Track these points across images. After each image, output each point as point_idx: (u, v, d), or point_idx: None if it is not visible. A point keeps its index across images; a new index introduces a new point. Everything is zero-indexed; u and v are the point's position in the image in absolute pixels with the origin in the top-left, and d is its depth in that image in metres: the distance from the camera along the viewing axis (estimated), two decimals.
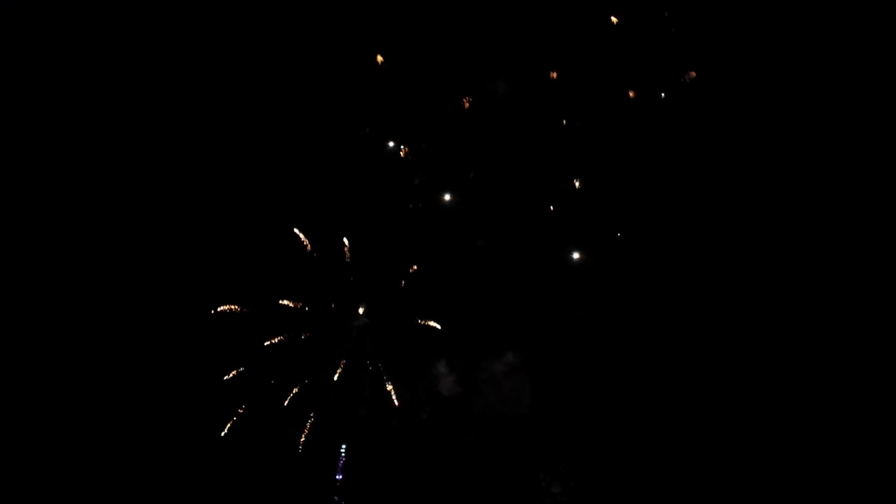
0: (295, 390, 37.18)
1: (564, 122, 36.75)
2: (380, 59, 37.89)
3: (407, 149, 38.12)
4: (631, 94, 36.13)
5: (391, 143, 38.49)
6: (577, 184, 36.14)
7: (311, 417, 37.67)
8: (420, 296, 37.53)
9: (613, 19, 36.41)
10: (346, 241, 37.60)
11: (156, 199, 38.43)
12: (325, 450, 38.06)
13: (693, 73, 35.59)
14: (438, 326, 37.05)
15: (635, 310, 34.35)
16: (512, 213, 36.75)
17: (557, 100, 36.82)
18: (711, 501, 31.92)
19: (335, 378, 37.98)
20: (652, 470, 33.05)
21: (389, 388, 37.21)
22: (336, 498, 37.97)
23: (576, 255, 35.91)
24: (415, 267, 37.59)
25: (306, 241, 37.55)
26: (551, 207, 36.42)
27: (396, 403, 36.87)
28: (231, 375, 36.96)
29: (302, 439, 37.66)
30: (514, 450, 35.47)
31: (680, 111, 36.00)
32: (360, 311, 38.38)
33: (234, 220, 38.54)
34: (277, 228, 37.79)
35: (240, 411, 37.12)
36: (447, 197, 37.94)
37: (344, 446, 38.22)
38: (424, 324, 37.16)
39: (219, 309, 37.06)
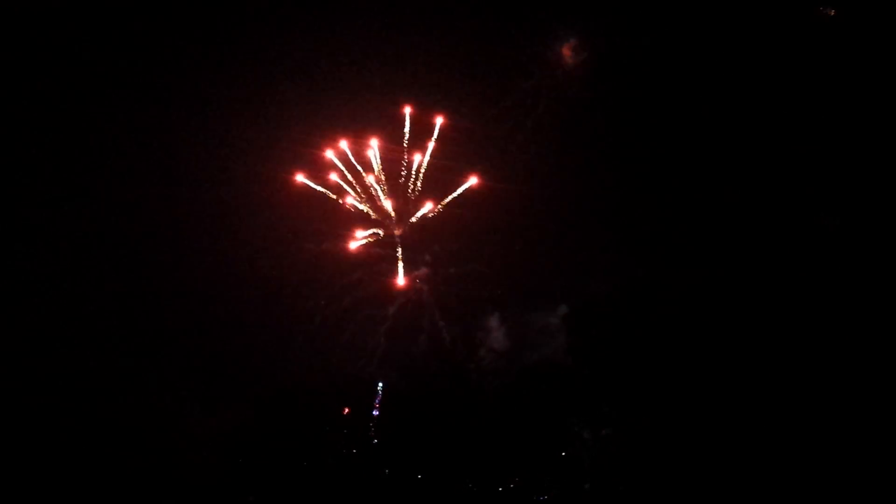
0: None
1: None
2: None
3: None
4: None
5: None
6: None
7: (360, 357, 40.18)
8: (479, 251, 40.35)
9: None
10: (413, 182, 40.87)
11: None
12: (366, 387, 40.20)
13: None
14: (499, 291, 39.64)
15: (691, 273, 35.51)
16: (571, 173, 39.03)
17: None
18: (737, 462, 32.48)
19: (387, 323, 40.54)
20: (684, 431, 34.02)
21: (444, 335, 39.62)
22: (371, 434, 39.77)
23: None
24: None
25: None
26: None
27: (448, 348, 39.17)
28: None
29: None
30: (551, 396, 37.20)
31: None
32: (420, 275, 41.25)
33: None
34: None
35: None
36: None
37: (381, 384, 40.22)
38: (486, 291, 39.78)
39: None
